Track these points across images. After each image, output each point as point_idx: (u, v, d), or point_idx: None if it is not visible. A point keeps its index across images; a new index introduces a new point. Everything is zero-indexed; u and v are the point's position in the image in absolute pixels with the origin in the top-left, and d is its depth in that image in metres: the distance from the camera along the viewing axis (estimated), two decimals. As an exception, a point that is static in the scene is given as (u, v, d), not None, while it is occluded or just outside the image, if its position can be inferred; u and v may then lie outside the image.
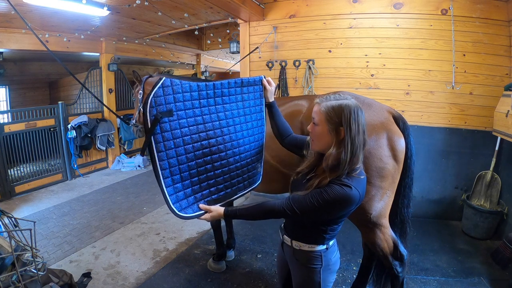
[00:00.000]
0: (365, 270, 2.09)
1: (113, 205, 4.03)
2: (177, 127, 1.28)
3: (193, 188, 1.37)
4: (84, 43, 5.13)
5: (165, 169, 1.28)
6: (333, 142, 1.10)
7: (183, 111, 1.31)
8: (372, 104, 1.78)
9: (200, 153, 1.37)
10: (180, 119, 1.29)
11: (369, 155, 1.63)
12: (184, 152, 1.31)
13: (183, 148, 1.31)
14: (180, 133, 1.30)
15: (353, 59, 3.49)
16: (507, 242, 2.50)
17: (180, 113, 1.30)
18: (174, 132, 1.28)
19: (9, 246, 1.42)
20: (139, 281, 2.44)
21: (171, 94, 1.27)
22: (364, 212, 1.68)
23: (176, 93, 1.29)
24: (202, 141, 1.36)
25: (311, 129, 1.17)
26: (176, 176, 1.31)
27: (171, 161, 1.29)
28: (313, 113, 1.15)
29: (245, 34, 3.97)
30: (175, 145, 1.28)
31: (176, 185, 1.32)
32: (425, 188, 3.41)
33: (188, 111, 1.32)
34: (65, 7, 3.39)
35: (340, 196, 1.03)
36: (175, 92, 1.28)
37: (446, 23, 3.14)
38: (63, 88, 7.52)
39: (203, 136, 1.37)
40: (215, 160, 1.42)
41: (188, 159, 1.33)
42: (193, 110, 1.34)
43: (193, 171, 1.36)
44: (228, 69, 8.57)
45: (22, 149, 4.47)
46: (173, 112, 1.27)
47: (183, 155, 1.31)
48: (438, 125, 3.34)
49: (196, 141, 1.35)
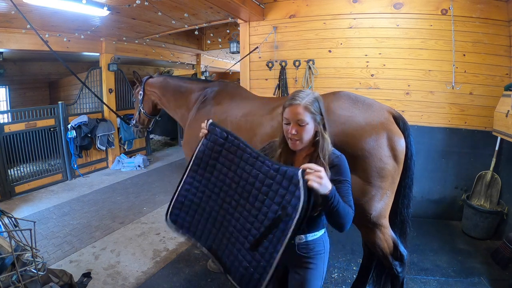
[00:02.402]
0: (365, 270, 2.09)
1: (113, 205, 4.03)
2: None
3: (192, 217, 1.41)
4: (84, 43, 5.13)
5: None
6: (317, 132, 1.21)
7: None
8: (372, 104, 1.78)
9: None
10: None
11: (369, 155, 1.63)
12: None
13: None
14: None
15: (353, 59, 3.49)
16: (507, 242, 2.50)
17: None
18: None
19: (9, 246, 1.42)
20: (139, 281, 2.44)
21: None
22: (364, 212, 1.68)
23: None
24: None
25: (296, 131, 1.18)
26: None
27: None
28: (293, 115, 1.17)
29: (245, 34, 3.97)
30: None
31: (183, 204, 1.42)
32: (425, 188, 3.41)
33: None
34: (65, 7, 3.39)
35: (346, 162, 1.24)
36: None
37: (446, 23, 3.14)
38: (63, 88, 7.53)
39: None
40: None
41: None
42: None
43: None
44: (228, 69, 8.56)
45: (22, 149, 4.47)
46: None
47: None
48: (438, 125, 3.34)
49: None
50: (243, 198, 1.25)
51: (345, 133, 1.68)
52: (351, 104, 1.76)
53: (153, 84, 3.00)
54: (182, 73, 9.39)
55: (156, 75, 3.19)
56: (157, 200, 4.19)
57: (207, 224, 1.36)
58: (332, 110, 1.76)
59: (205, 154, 1.37)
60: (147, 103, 3.08)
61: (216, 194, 1.34)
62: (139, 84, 3.12)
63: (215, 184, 1.34)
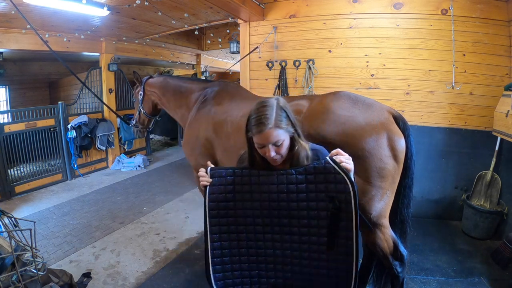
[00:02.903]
0: (365, 270, 2.09)
1: (113, 205, 4.03)
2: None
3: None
4: (84, 43, 5.13)
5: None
6: (295, 141, 1.19)
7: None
8: (372, 104, 1.78)
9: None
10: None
11: (369, 155, 1.63)
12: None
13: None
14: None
15: (353, 59, 3.49)
16: (507, 242, 2.50)
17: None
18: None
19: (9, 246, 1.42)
20: (139, 281, 2.44)
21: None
22: (364, 212, 1.68)
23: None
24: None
25: (275, 152, 1.14)
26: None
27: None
28: (267, 140, 1.12)
29: (245, 34, 3.97)
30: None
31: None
32: (425, 188, 3.41)
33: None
34: (65, 7, 3.39)
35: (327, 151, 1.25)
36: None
37: (446, 23, 3.14)
38: (63, 88, 7.53)
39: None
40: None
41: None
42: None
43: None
44: (228, 69, 8.56)
45: (22, 149, 4.47)
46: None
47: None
48: (438, 125, 3.34)
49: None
50: (283, 217, 1.16)
51: (345, 133, 1.68)
52: (351, 104, 1.76)
53: (153, 84, 2.99)
54: (182, 73, 9.39)
55: (156, 75, 3.19)
56: (157, 200, 4.19)
57: (259, 265, 1.22)
58: (332, 110, 1.76)
59: (218, 201, 1.22)
60: (147, 103, 3.08)
61: (251, 231, 1.21)
62: (139, 84, 3.12)
63: (246, 222, 1.21)
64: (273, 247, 1.19)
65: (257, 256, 1.21)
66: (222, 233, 1.22)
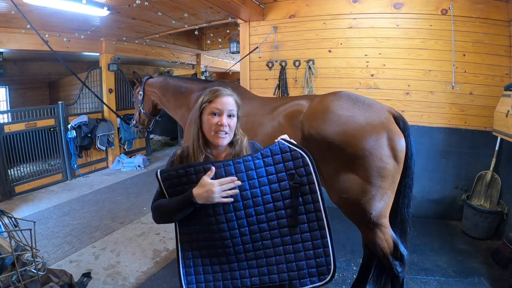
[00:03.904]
0: (365, 270, 2.09)
1: (113, 205, 4.03)
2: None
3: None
4: (84, 43, 5.12)
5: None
6: (237, 129, 1.19)
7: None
8: (372, 104, 1.78)
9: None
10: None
11: (370, 155, 1.63)
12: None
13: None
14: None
15: (353, 59, 3.49)
16: (507, 242, 2.50)
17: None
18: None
19: (9, 246, 1.42)
20: (139, 281, 2.44)
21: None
22: (365, 212, 1.68)
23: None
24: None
25: (227, 123, 1.12)
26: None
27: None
28: (226, 105, 1.13)
29: (245, 34, 3.97)
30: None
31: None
32: (425, 188, 3.41)
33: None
34: (65, 7, 3.39)
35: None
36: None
37: (446, 23, 3.14)
38: (63, 88, 7.53)
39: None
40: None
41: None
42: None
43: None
44: (228, 69, 8.56)
45: (22, 149, 4.47)
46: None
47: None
48: (438, 125, 3.34)
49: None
50: (247, 207, 1.09)
51: (346, 133, 1.68)
52: (352, 104, 1.77)
53: (153, 84, 3.00)
54: (182, 73, 9.39)
55: (156, 75, 3.19)
56: (157, 200, 4.19)
57: (231, 265, 1.14)
58: (332, 110, 1.76)
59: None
60: (147, 103, 3.08)
61: (216, 230, 1.10)
62: (139, 84, 3.12)
63: (209, 222, 1.11)
64: (243, 242, 1.10)
65: (226, 255, 1.12)
66: (192, 234, 1.15)
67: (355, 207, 1.71)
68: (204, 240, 1.13)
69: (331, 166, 1.75)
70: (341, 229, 3.06)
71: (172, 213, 1.10)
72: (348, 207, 1.77)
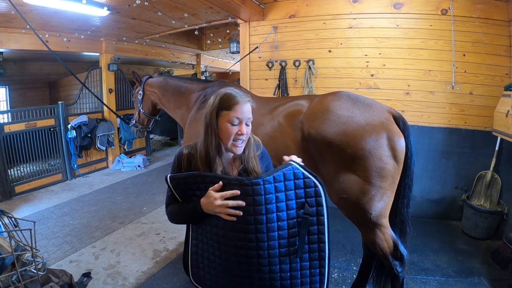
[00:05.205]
0: (365, 270, 2.09)
1: (113, 205, 4.03)
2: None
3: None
4: (84, 43, 5.13)
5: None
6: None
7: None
8: (372, 104, 1.78)
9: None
10: None
11: (369, 155, 1.63)
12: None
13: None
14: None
15: (353, 59, 3.49)
16: (507, 242, 2.50)
17: None
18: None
19: (9, 246, 1.42)
20: (139, 281, 2.44)
21: None
22: (365, 212, 1.68)
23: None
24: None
25: (245, 131, 1.11)
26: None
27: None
28: (246, 113, 1.11)
29: (245, 34, 3.97)
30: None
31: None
32: (425, 188, 3.41)
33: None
34: (65, 7, 3.40)
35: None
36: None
37: (446, 23, 3.14)
38: (63, 88, 7.53)
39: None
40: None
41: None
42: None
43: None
44: (228, 69, 8.56)
45: (22, 149, 4.47)
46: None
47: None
48: (438, 125, 3.34)
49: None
50: (248, 232, 1.04)
51: (346, 133, 1.68)
52: (351, 104, 1.77)
53: (152, 84, 3.00)
54: (182, 73, 9.39)
55: (156, 75, 3.19)
56: (157, 200, 4.19)
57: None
58: (332, 110, 1.76)
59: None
60: (147, 103, 3.08)
61: (215, 235, 1.11)
62: (138, 84, 3.12)
63: (212, 240, 1.12)
64: (238, 261, 1.07)
65: (228, 264, 1.10)
66: (199, 236, 1.17)
67: (355, 207, 1.71)
68: (207, 252, 1.16)
69: (331, 166, 1.75)
70: (341, 229, 3.06)
71: (185, 219, 1.16)
72: (348, 207, 1.77)
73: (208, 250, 1.14)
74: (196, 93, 2.65)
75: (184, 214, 1.13)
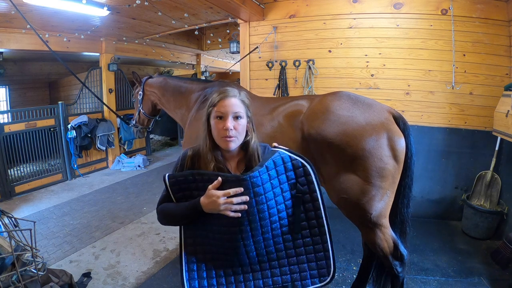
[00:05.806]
0: (365, 270, 2.09)
1: (113, 205, 4.03)
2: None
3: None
4: (84, 43, 5.13)
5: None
6: (249, 130, 1.15)
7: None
8: (372, 104, 1.78)
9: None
10: None
11: (369, 155, 1.63)
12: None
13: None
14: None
15: (353, 59, 3.49)
16: (507, 242, 2.50)
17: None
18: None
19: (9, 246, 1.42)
20: (139, 281, 2.44)
21: None
22: (365, 212, 1.68)
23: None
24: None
25: (232, 126, 1.07)
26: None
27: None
28: (230, 107, 1.08)
29: (245, 34, 3.97)
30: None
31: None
32: (425, 188, 3.41)
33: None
34: (65, 7, 3.40)
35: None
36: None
37: (446, 23, 3.14)
38: (63, 88, 7.53)
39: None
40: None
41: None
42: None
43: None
44: (228, 69, 8.56)
45: (22, 149, 4.48)
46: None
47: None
48: (438, 125, 3.34)
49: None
50: (252, 221, 1.06)
51: (346, 133, 1.68)
52: (351, 104, 1.77)
53: (152, 84, 2.99)
54: (182, 73, 9.39)
55: (156, 75, 3.19)
56: (157, 200, 4.18)
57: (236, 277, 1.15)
58: (332, 110, 1.76)
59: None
60: (147, 103, 3.08)
61: (217, 233, 1.11)
62: (138, 84, 3.12)
63: (214, 233, 1.12)
64: (246, 251, 1.09)
65: (230, 261, 1.12)
66: (197, 237, 1.14)
67: (355, 207, 1.71)
68: (208, 245, 1.13)
69: (331, 166, 1.75)
70: (341, 229, 3.06)
71: (179, 219, 1.11)
72: (348, 207, 1.77)
73: (211, 250, 1.13)
74: (196, 93, 2.65)
75: (180, 214, 1.08)
